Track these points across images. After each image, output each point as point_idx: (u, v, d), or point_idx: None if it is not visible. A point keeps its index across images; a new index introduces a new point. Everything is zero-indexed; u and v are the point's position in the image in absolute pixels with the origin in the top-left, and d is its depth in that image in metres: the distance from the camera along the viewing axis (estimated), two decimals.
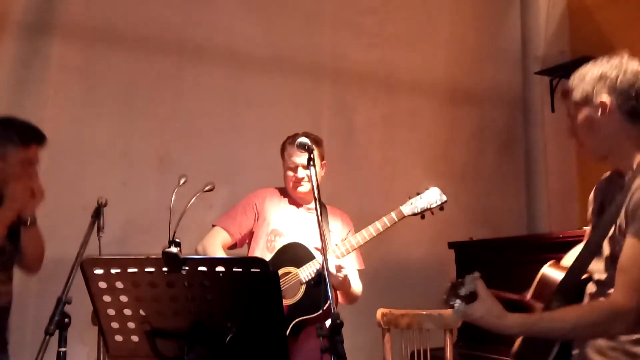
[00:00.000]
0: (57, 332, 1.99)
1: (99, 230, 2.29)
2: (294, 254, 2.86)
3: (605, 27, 4.74)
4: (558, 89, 5.05)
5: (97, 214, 2.31)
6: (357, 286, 2.97)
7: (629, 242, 1.68)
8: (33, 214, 2.60)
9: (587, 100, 1.81)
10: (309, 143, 2.38)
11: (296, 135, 2.97)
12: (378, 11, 4.74)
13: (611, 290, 1.73)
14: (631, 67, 1.78)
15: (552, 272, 1.96)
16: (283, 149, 3.01)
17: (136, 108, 3.99)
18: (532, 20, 5.24)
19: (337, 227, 3.04)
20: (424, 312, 3.11)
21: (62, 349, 2.01)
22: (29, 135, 2.62)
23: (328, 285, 2.10)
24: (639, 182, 1.70)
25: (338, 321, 1.91)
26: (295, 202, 3.04)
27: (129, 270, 1.82)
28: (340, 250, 2.84)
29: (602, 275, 1.80)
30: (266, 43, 4.37)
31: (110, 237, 2.37)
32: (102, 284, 1.85)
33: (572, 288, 1.85)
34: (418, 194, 2.91)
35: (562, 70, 4.83)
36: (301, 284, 2.82)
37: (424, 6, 4.91)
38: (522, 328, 1.78)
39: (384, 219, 2.86)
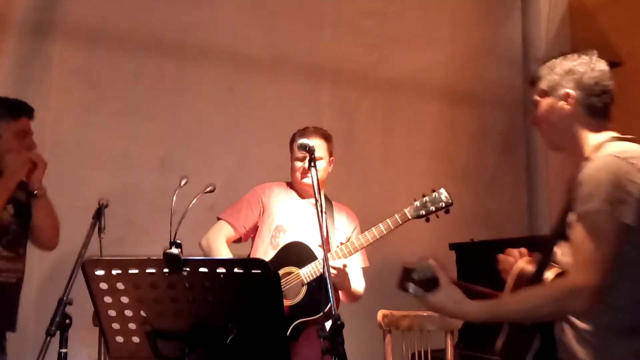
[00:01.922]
0: (58, 333, 1.99)
1: (100, 231, 2.30)
2: (296, 254, 2.85)
3: (607, 29, 4.74)
4: None
5: (98, 215, 2.31)
6: (359, 285, 2.95)
7: (577, 220, 1.75)
8: (40, 185, 2.62)
9: (552, 90, 1.91)
10: (310, 144, 2.38)
11: (307, 129, 2.98)
12: (378, 12, 4.74)
13: None
14: (599, 66, 1.88)
15: (526, 267, 2.01)
16: (292, 141, 2.99)
17: (137, 109, 3.99)
18: (533, 22, 5.24)
19: (342, 223, 3.02)
20: (425, 314, 3.11)
21: (63, 350, 2.01)
22: (17, 108, 2.68)
23: (329, 286, 2.10)
24: (584, 169, 1.77)
25: (339, 322, 1.91)
26: (301, 195, 3.01)
27: (130, 271, 1.82)
28: (343, 252, 2.82)
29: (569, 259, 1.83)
30: (267, 44, 4.38)
31: (111, 238, 2.37)
32: (103, 285, 1.85)
33: (540, 281, 1.88)
34: (424, 196, 2.87)
35: None
36: (302, 285, 2.80)
37: (424, 7, 4.91)
38: (481, 313, 1.81)
39: (388, 221, 2.83)
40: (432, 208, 2.85)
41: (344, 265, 2.76)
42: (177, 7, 4.11)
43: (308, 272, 2.81)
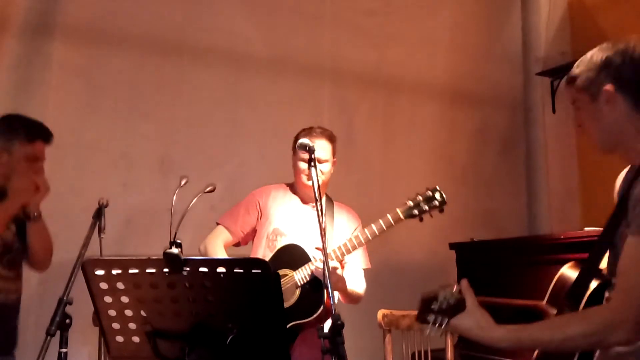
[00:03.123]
0: (58, 332, 1.99)
1: (100, 231, 2.30)
2: (290, 256, 2.83)
3: (606, 28, 4.73)
4: (559, 90, 5.05)
5: (98, 215, 2.31)
6: (359, 286, 2.93)
7: (630, 240, 1.54)
8: (37, 208, 2.61)
9: (591, 87, 1.70)
10: (310, 144, 2.36)
11: (312, 129, 2.94)
12: (378, 12, 4.74)
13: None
14: (638, 54, 1.66)
15: (569, 273, 1.82)
16: (296, 140, 2.88)
17: (137, 109, 3.99)
18: (533, 22, 5.24)
19: (342, 224, 3.00)
20: None
21: (63, 350, 2.01)
22: (35, 131, 2.65)
23: (329, 288, 2.09)
24: None
25: (339, 322, 1.91)
26: (302, 198, 2.99)
27: (130, 271, 1.82)
28: (335, 254, 2.79)
29: (612, 272, 1.66)
30: (266, 44, 4.38)
31: (111, 238, 2.38)
32: (103, 285, 1.85)
33: (584, 291, 1.71)
34: (417, 195, 2.81)
35: (563, 72, 4.82)
36: (297, 287, 2.78)
37: (424, 7, 4.90)
38: (511, 340, 1.66)
39: (380, 222, 2.77)
40: (426, 207, 2.78)
41: (335, 268, 2.73)
42: (177, 8, 4.11)
43: (302, 274, 2.79)
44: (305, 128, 2.98)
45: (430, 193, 2.81)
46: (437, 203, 2.79)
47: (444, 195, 2.80)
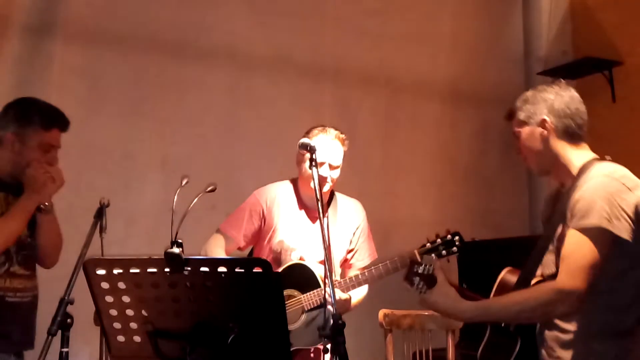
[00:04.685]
0: (59, 332, 1.99)
1: (102, 230, 2.28)
2: (299, 277, 2.79)
3: (608, 28, 4.73)
4: None
5: (100, 214, 2.29)
6: (360, 294, 2.93)
7: (569, 233, 1.90)
8: (50, 199, 2.48)
9: (529, 118, 2.08)
10: (311, 144, 2.34)
11: (327, 129, 2.87)
12: (380, 11, 4.74)
13: None
14: (567, 93, 2.06)
15: (509, 277, 2.15)
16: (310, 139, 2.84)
17: (138, 109, 4.00)
18: (535, 21, 5.24)
19: (347, 216, 2.97)
20: (426, 313, 3.11)
21: (65, 349, 2.01)
22: (52, 118, 2.49)
23: (333, 300, 2.07)
24: (579, 184, 1.94)
25: (340, 322, 1.91)
26: (307, 200, 2.92)
27: (131, 270, 1.82)
28: (347, 285, 2.79)
29: (552, 269, 1.99)
30: (268, 44, 4.38)
31: (112, 237, 2.37)
32: (105, 285, 1.85)
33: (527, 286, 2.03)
34: (437, 237, 2.80)
35: (564, 71, 4.81)
36: (303, 312, 2.77)
37: (425, 7, 4.91)
38: (475, 312, 1.99)
39: (396, 260, 2.77)
40: (444, 252, 2.78)
41: (345, 300, 2.76)
42: (178, 7, 4.12)
43: (310, 299, 2.77)
44: (319, 126, 2.91)
45: (450, 237, 2.80)
46: (455, 249, 2.79)
47: (463, 241, 2.80)
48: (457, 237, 2.80)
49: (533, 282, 2.04)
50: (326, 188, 2.87)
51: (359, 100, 4.71)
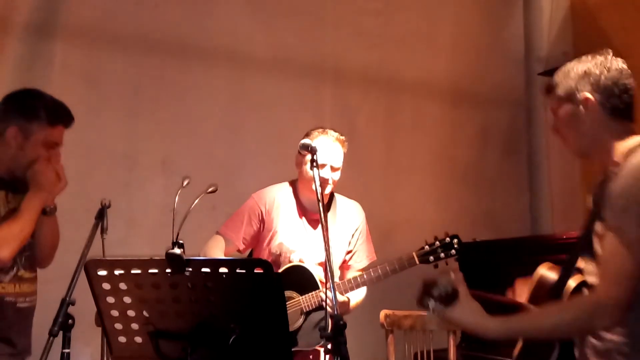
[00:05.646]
0: (60, 333, 1.99)
1: (103, 231, 2.28)
2: (298, 279, 2.79)
3: (608, 29, 4.73)
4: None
5: (101, 215, 2.28)
6: (361, 294, 2.93)
7: (607, 234, 1.67)
8: (53, 201, 2.39)
9: (570, 96, 1.82)
10: (312, 144, 2.33)
11: (327, 130, 2.88)
12: (380, 12, 4.74)
13: None
14: (614, 65, 1.80)
15: (548, 274, 1.93)
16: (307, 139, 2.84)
17: (139, 110, 3.99)
18: (535, 21, 5.24)
19: (346, 218, 2.97)
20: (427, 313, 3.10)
21: (66, 350, 2.01)
22: (58, 114, 2.38)
23: (334, 302, 2.06)
24: (617, 179, 1.68)
25: (341, 322, 1.91)
26: (306, 202, 2.92)
27: (133, 271, 1.82)
28: (345, 287, 2.79)
29: (594, 278, 1.76)
30: (268, 45, 4.38)
31: (113, 238, 2.37)
32: (106, 285, 1.85)
33: (562, 291, 1.82)
34: (436, 239, 2.79)
35: None
36: (302, 313, 2.76)
37: (426, 7, 4.90)
38: (502, 330, 1.75)
39: (395, 263, 2.77)
40: (442, 255, 2.77)
41: (343, 303, 2.75)
42: (178, 8, 4.11)
43: (309, 300, 2.76)
44: (319, 128, 2.92)
45: (448, 240, 2.79)
46: (454, 252, 2.77)
47: (462, 244, 2.78)
48: (455, 240, 2.79)
49: (572, 282, 1.82)
50: (327, 190, 2.87)
51: (359, 100, 4.71)
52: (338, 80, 4.61)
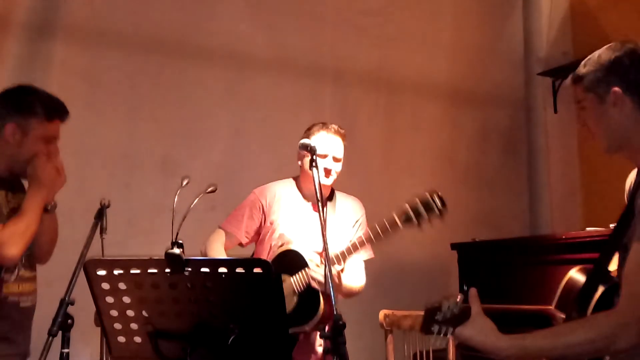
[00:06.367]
0: (60, 333, 1.99)
1: (102, 231, 2.28)
2: (288, 262, 2.79)
3: (608, 29, 4.73)
4: (561, 90, 5.04)
5: (100, 215, 2.29)
6: (358, 280, 2.91)
7: (635, 246, 1.53)
8: (53, 198, 2.37)
9: (598, 87, 1.68)
10: (311, 144, 2.35)
11: (328, 125, 2.88)
12: (380, 12, 4.74)
13: None
14: None
15: (577, 277, 1.80)
16: (309, 135, 2.87)
17: (139, 110, 4.00)
18: (535, 22, 5.24)
19: (345, 213, 2.97)
20: None
21: (65, 350, 2.01)
22: (54, 109, 2.37)
23: (331, 292, 2.07)
24: None
25: (340, 322, 1.91)
26: (308, 195, 2.92)
27: (132, 271, 1.82)
28: (337, 258, 2.76)
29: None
30: (268, 44, 4.38)
31: (113, 238, 2.37)
32: (105, 285, 1.85)
33: (592, 295, 1.70)
34: (416, 198, 2.68)
35: (564, 72, 4.82)
36: (294, 294, 2.75)
37: (426, 7, 4.91)
38: (515, 349, 1.63)
39: (376, 226, 2.69)
40: (425, 214, 2.64)
41: (339, 272, 2.74)
42: (178, 7, 4.12)
43: (298, 279, 2.75)
44: (319, 123, 2.93)
45: (429, 197, 2.67)
46: (437, 210, 2.64)
47: (445, 201, 2.65)
48: (436, 197, 2.63)
49: (599, 290, 1.71)
50: (330, 181, 2.88)
51: (359, 100, 4.71)
52: (338, 80, 4.61)
